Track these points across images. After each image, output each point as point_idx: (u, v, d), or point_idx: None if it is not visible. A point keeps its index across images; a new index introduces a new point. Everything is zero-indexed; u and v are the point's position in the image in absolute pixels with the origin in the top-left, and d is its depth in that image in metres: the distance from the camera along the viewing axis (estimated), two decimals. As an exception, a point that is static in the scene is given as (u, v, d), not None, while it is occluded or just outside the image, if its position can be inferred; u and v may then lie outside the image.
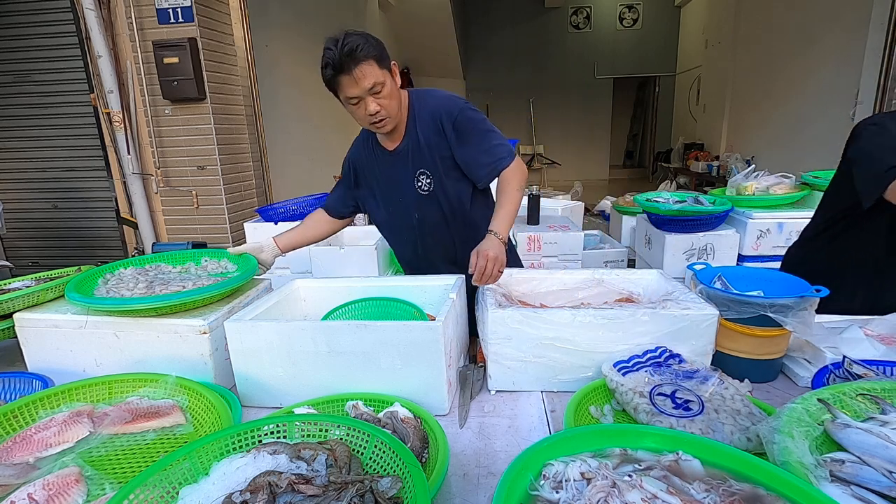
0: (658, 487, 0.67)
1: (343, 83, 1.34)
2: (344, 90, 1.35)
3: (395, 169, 1.57)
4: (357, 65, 1.30)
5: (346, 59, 1.29)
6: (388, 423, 0.96)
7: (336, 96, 1.41)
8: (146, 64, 3.50)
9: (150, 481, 0.72)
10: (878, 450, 0.75)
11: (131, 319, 1.26)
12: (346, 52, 1.29)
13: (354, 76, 1.32)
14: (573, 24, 11.16)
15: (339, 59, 1.30)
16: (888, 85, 3.67)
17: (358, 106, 1.38)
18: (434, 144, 1.51)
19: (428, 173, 1.54)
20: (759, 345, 1.18)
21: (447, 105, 1.49)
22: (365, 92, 1.34)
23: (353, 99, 1.36)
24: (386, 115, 1.40)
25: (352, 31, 1.32)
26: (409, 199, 1.59)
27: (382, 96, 1.37)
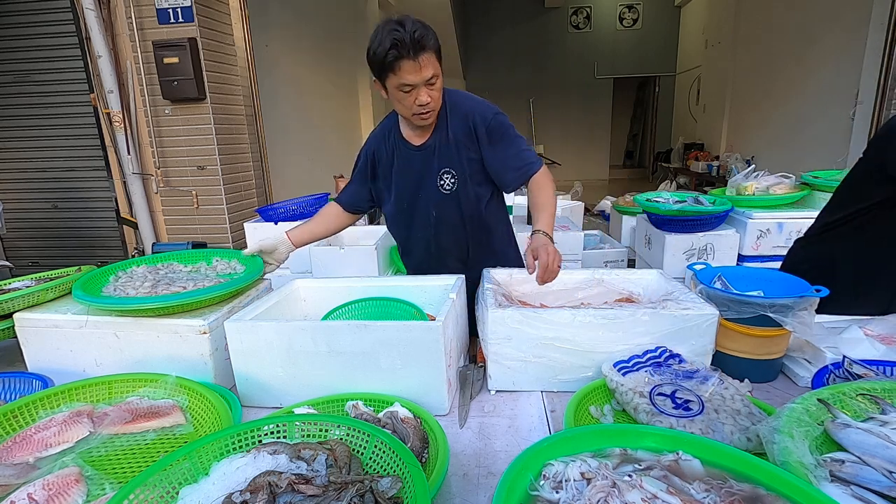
0: (658, 487, 0.67)
1: (404, 67, 1.30)
2: (403, 75, 1.31)
3: (419, 165, 1.55)
4: (424, 52, 1.29)
5: (415, 44, 1.27)
6: (388, 423, 0.96)
7: (379, 81, 1.39)
8: (146, 64, 3.50)
9: (150, 481, 0.72)
10: (878, 450, 0.75)
11: (131, 319, 1.26)
12: (417, 37, 1.26)
13: (420, 62, 1.29)
14: (573, 24, 11.16)
15: (409, 43, 1.26)
16: (888, 85, 3.67)
17: (409, 94, 1.35)
18: (463, 145, 1.50)
19: (453, 173, 1.53)
20: (759, 345, 1.18)
21: (481, 109, 1.50)
22: (423, 81, 1.33)
23: (407, 87, 1.33)
24: (434, 107, 1.40)
25: (414, 19, 1.30)
26: (429, 196, 1.58)
27: (435, 89, 1.37)
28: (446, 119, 1.50)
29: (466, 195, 1.56)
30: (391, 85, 1.36)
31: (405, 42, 1.26)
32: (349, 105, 7.01)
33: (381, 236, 2.82)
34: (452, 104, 1.50)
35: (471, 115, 1.49)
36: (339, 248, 2.70)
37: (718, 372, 1.11)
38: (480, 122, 1.48)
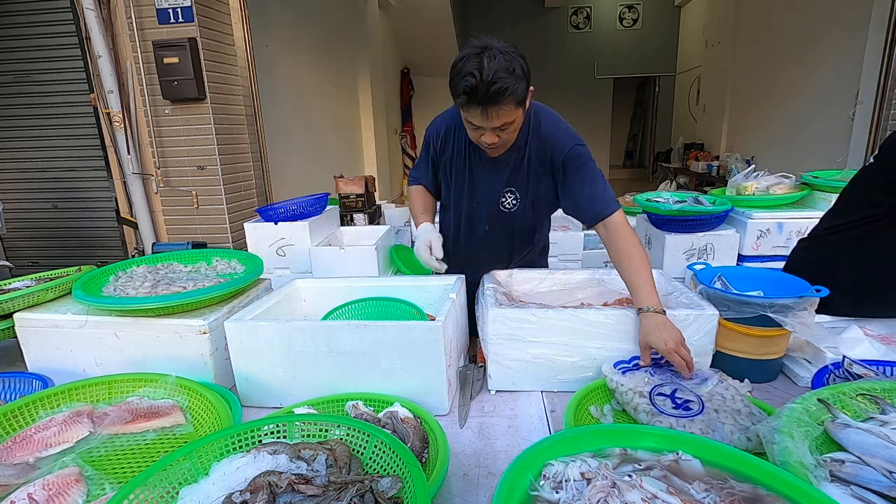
0: (658, 487, 0.67)
1: (474, 113, 1.22)
2: (471, 117, 1.24)
3: (486, 177, 1.48)
4: (496, 105, 1.18)
5: (488, 97, 1.16)
6: (388, 423, 0.96)
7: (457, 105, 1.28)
8: (146, 64, 3.49)
9: (150, 481, 0.72)
10: (878, 450, 0.75)
11: (131, 319, 1.26)
12: (493, 92, 1.15)
13: (488, 114, 1.20)
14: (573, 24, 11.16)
15: (481, 94, 1.16)
16: (888, 85, 3.67)
17: (476, 130, 1.29)
18: (536, 171, 1.43)
19: (517, 195, 1.47)
20: (759, 345, 1.18)
21: (563, 138, 1.39)
22: (490, 127, 1.25)
23: (473, 124, 1.27)
24: (501, 144, 1.33)
25: (500, 58, 1.15)
26: (487, 211, 1.52)
27: (507, 132, 1.28)
28: (527, 140, 1.40)
29: (525, 217, 1.51)
30: (463, 115, 1.28)
31: (477, 92, 1.16)
32: (349, 105, 7.01)
33: (381, 236, 2.82)
34: (538, 125, 1.40)
35: (551, 143, 1.39)
36: (339, 248, 2.70)
37: (718, 373, 1.11)
38: (558, 152, 1.38)
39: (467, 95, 1.17)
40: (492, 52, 1.15)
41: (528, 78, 1.21)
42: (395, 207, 4.40)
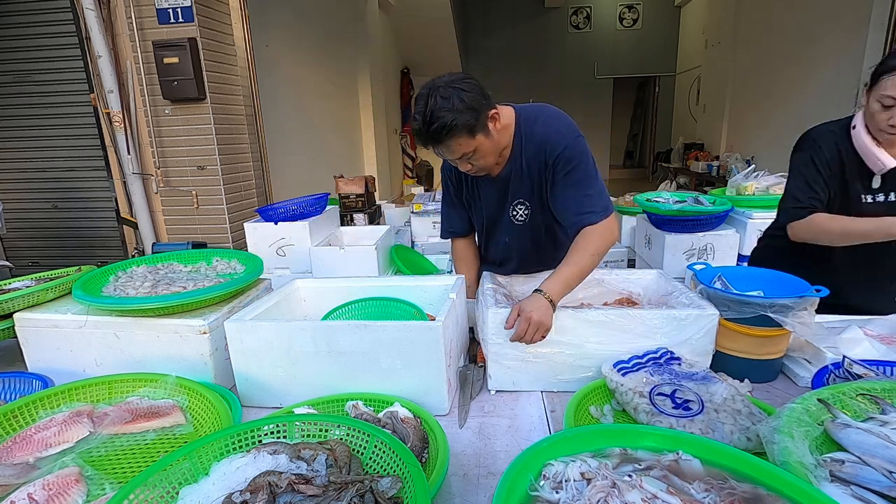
0: (658, 487, 0.67)
1: (434, 150, 1.29)
2: (442, 152, 1.30)
3: (495, 195, 1.51)
4: (446, 141, 1.24)
5: (434, 136, 1.23)
6: (388, 423, 0.96)
7: None
8: (146, 64, 3.49)
9: (150, 481, 0.72)
10: (878, 450, 0.75)
11: (131, 319, 1.26)
12: (434, 130, 1.21)
13: (440, 151, 1.28)
14: (573, 24, 11.16)
15: (427, 135, 1.24)
16: (888, 85, 3.67)
17: (453, 161, 1.35)
18: (536, 175, 1.42)
19: (526, 204, 1.48)
20: (759, 345, 1.18)
21: (555, 137, 1.36)
22: (455, 159, 1.32)
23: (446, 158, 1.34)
24: (479, 169, 1.36)
25: (443, 94, 1.20)
26: (503, 226, 1.55)
27: (475, 159, 1.32)
28: (521, 147, 1.40)
29: (537, 225, 1.51)
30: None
31: (423, 133, 1.24)
32: (349, 105, 7.01)
33: (381, 236, 2.82)
34: (529, 130, 1.39)
35: (544, 144, 1.37)
36: (339, 248, 2.70)
37: (719, 374, 1.11)
38: (550, 154, 1.36)
39: (420, 137, 1.26)
40: (435, 92, 1.21)
41: (475, 106, 1.23)
42: (395, 207, 4.40)
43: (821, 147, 1.42)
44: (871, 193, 1.39)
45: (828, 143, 1.42)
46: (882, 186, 1.37)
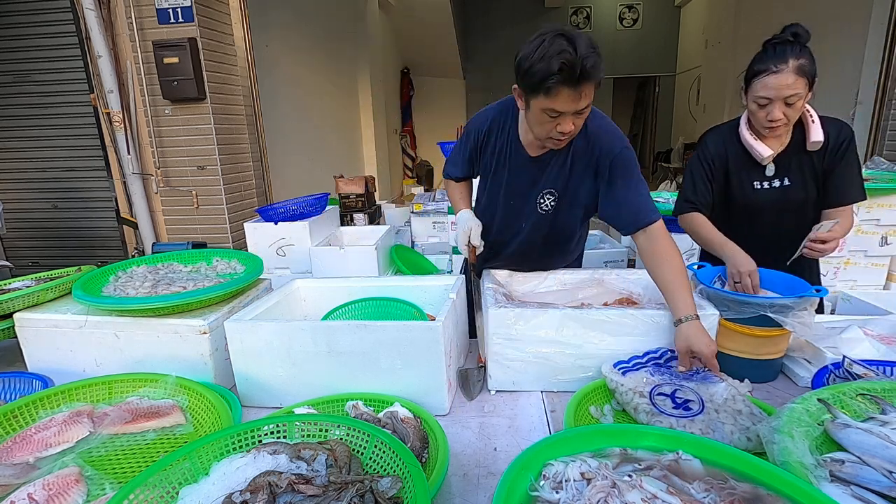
0: (658, 487, 0.67)
1: (562, 95, 1.12)
2: (557, 102, 1.14)
3: (525, 177, 1.42)
4: (589, 81, 1.11)
5: (584, 74, 1.09)
6: (388, 423, 0.96)
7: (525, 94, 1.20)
8: (146, 64, 3.49)
9: (150, 481, 0.72)
10: (878, 450, 0.75)
11: (131, 319, 1.26)
12: (588, 67, 1.08)
13: (580, 93, 1.13)
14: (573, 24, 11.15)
15: (578, 70, 1.08)
16: (888, 85, 3.67)
17: (553, 120, 1.18)
18: (578, 171, 1.37)
19: (556, 195, 1.41)
20: (759, 345, 1.18)
21: (609, 139, 1.33)
22: (574, 111, 1.16)
23: (555, 112, 1.16)
24: (571, 134, 1.24)
25: (588, 39, 1.11)
26: (525, 211, 1.46)
27: (582, 117, 1.21)
28: (572, 139, 1.32)
29: (560, 218, 1.45)
30: (537, 105, 1.17)
31: (574, 69, 1.08)
32: (349, 105, 7.01)
33: (381, 236, 2.82)
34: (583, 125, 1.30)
35: (599, 143, 1.33)
36: (339, 248, 2.70)
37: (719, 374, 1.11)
38: (606, 153, 1.32)
39: (561, 74, 1.08)
40: (571, 32, 1.11)
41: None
42: (394, 207, 4.40)
43: (707, 146, 1.60)
44: (765, 180, 1.54)
45: (714, 142, 1.60)
46: (776, 174, 1.53)
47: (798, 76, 1.35)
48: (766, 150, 1.48)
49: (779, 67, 1.37)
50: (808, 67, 1.36)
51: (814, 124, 1.47)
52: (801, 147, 1.50)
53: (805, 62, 1.36)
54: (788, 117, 1.40)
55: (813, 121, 1.47)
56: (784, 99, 1.37)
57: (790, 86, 1.35)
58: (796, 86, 1.35)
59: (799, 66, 1.35)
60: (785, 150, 1.51)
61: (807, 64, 1.36)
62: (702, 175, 1.59)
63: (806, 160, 1.50)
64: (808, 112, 1.48)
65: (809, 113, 1.47)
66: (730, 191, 1.58)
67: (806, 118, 1.48)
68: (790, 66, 1.35)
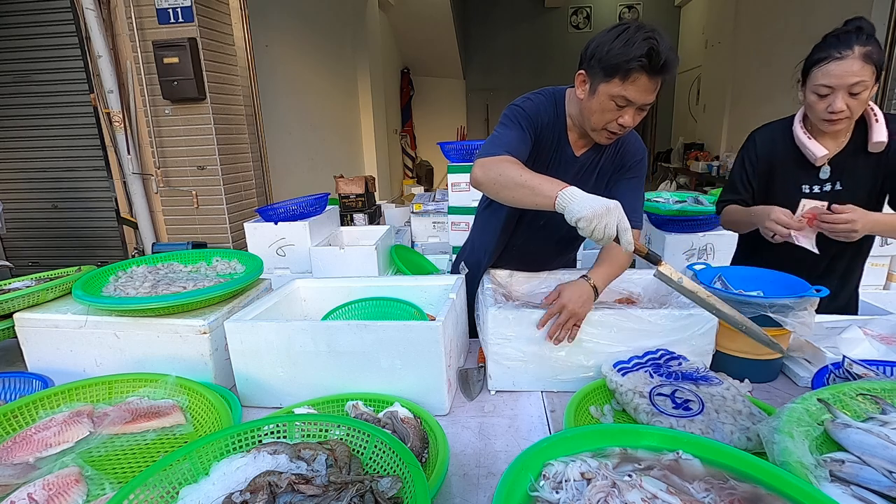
0: (658, 487, 0.67)
1: (639, 82, 1.11)
2: (632, 89, 1.12)
3: (566, 174, 1.32)
4: (665, 76, 1.12)
5: (665, 66, 1.09)
6: (388, 423, 0.96)
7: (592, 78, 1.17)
8: (146, 64, 3.49)
9: (150, 481, 0.72)
10: (878, 450, 0.75)
11: (131, 319, 1.26)
12: (669, 60, 1.09)
13: (655, 84, 1.12)
14: (573, 24, 11.16)
15: (662, 62, 1.08)
16: (888, 85, 3.67)
17: (618, 110, 1.16)
18: (605, 171, 1.37)
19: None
20: (759, 345, 1.18)
21: (637, 143, 1.37)
22: (640, 104, 1.15)
23: (623, 102, 1.14)
24: (629, 127, 1.21)
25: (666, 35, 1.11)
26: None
27: (642, 114, 1.20)
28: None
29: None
30: (606, 90, 1.14)
31: (659, 57, 1.07)
32: (349, 105, 7.01)
33: (381, 236, 2.82)
34: None
35: (626, 144, 1.35)
36: (339, 248, 2.70)
37: (719, 374, 1.11)
38: (631, 155, 1.35)
39: (647, 59, 1.07)
40: (653, 26, 1.11)
41: None
42: (394, 207, 4.40)
43: (755, 144, 1.51)
44: (816, 183, 1.43)
45: (763, 140, 1.51)
46: (831, 177, 1.42)
47: (865, 63, 1.21)
48: (820, 149, 1.35)
49: (843, 53, 1.22)
50: (877, 56, 1.22)
51: (877, 122, 1.32)
52: (861, 148, 1.35)
53: (873, 49, 1.21)
54: (852, 110, 1.26)
55: (877, 119, 1.32)
56: (848, 88, 1.23)
57: (855, 73, 1.21)
58: (862, 73, 1.21)
59: (866, 52, 1.21)
60: (842, 150, 1.37)
61: (874, 52, 1.21)
62: (742, 178, 1.51)
63: (865, 163, 1.36)
64: (871, 108, 1.33)
65: (873, 109, 1.33)
66: (772, 191, 1.46)
67: (869, 115, 1.34)
68: (856, 52, 1.21)
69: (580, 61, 1.21)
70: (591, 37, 1.20)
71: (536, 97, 1.32)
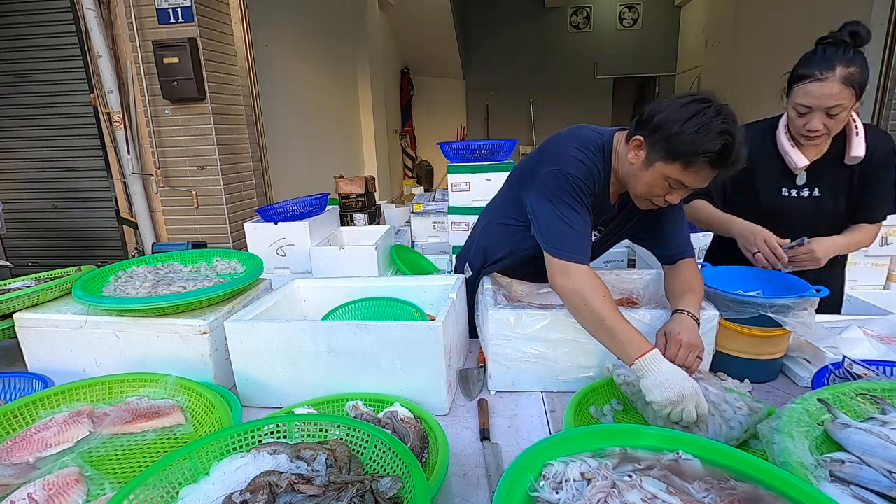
0: (658, 487, 0.67)
1: (702, 174, 1.05)
2: (691, 178, 1.06)
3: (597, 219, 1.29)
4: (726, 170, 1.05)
5: (733, 162, 1.03)
6: (388, 423, 0.96)
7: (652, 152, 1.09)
8: (146, 64, 3.49)
9: (150, 481, 0.72)
10: (878, 450, 0.75)
11: (131, 319, 1.26)
12: (741, 156, 1.04)
13: (714, 174, 1.06)
14: (573, 24, 11.15)
15: (732, 157, 1.02)
16: (888, 85, 3.67)
17: (669, 189, 1.10)
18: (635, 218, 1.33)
19: (603, 232, 1.35)
20: (759, 345, 1.18)
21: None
22: (696, 188, 1.10)
23: (678, 184, 1.08)
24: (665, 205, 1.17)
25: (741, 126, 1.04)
26: None
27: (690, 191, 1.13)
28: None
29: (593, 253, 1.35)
30: (664, 170, 1.07)
31: (730, 155, 1.01)
32: (349, 105, 7.01)
33: (381, 236, 2.82)
34: None
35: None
36: (339, 248, 2.70)
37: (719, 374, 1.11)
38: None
39: (717, 156, 1.01)
40: (729, 112, 1.04)
41: None
42: (395, 207, 4.40)
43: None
44: (794, 188, 1.47)
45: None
46: (806, 183, 1.46)
47: (844, 86, 1.23)
48: (802, 159, 1.39)
49: (824, 75, 1.25)
50: (858, 76, 1.24)
51: (857, 136, 1.36)
52: (839, 159, 1.40)
53: (855, 71, 1.23)
54: (829, 129, 1.30)
55: (857, 132, 1.36)
56: (826, 109, 1.26)
57: (834, 96, 1.24)
58: (841, 96, 1.24)
59: (847, 74, 1.23)
60: (821, 158, 1.41)
61: (856, 73, 1.23)
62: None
63: (842, 173, 1.41)
64: (853, 122, 1.36)
65: (855, 123, 1.36)
66: (755, 194, 1.49)
67: (850, 128, 1.37)
68: (837, 74, 1.23)
69: (639, 123, 1.11)
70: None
71: (587, 157, 1.18)
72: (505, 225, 1.44)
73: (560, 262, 1.14)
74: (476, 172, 3.20)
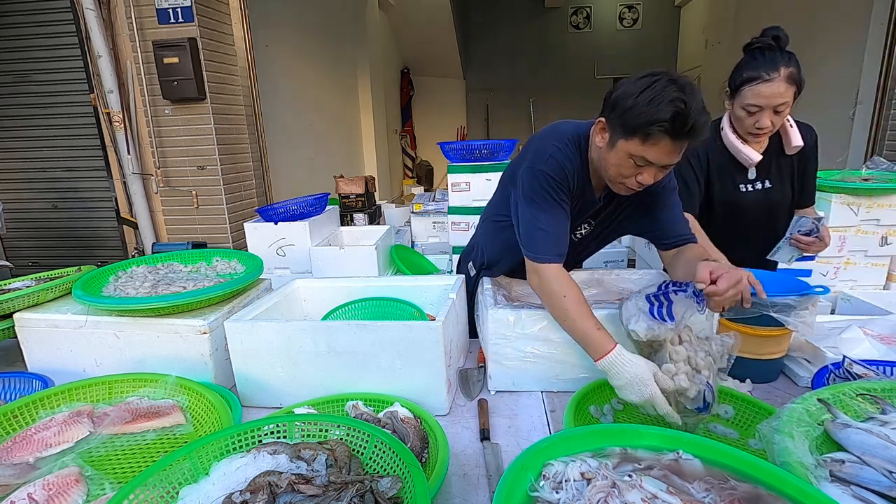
0: (658, 487, 0.67)
1: (661, 146, 1.02)
2: (652, 151, 1.03)
3: (585, 214, 1.31)
4: (692, 141, 1.03)
5: (692, 131, 1.00)
6: (388, 423, 0.96)
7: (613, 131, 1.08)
8: (146, 64, 3.49)
9: (150, 481, 0.72)
10: (878, 450, 0.75)
11: (131, 319, 1.26)
12: (700, 124, 0.99)
13: (680, 148, 1.03)
14: (573, 24, 11.15)
15: (688, 126, 0.98)
16: (888, 85, 3.67)
17: (636, 168, 1.08)
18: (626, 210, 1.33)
19: (593, 224, 1.35)
20: (760, 344, 1.18)
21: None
22: (661, 164, 1.06)
23: (643, 161, 1.05)
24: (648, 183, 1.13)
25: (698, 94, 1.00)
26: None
27: (665, 171, 1.11)
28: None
29: (587, 246, 1.43)
30: (625, 148, 1.05)
31: (685, 122, 0.97)
32: (349, 105, 7.01)
33: (381, 236, 2.82)
34: None
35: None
36: (339, 248, 2.70)
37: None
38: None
39: (670, 123, 0.98)
40: (684, 82, 1.01)
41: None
42: (394, 207, 4.40)
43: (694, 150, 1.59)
44: (748, 183, 1.60)
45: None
46: (757, 177, 1.60)
47: (789, 85, 1.38)
48: (755, 154, 1.53)
49: (771, 76, 1.38)
50: (797, 76, 1.39)
51: (792, 129, 1.53)
52: (779, 150, 1.58)
53: (794, 70, 1.38)
54: (775, 125, 1.45)
55: (791, 125, 1.53)
56: (774, 107, 1.40)
57: (781, 94, 1.38)
58: (787, 94, 1.38)
59: (790, 74, 1.38)
60: (764, 152, 1.56)
61: (796, 72, 1.39)
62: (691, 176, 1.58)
63: (784, 163, 1.59)
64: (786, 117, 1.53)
65: (787, 118, 1.53)
66: (712, 193, 1.61)
67: (784, 123, 1.53)
68: (782, 74, 1.37)
69: (602, 106, 1.10)
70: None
71: (560, 152, 1.17)
72: (498, 223, 1.46)
73: (530, 262, 1.18)
74: (476, 172, 3.20)
